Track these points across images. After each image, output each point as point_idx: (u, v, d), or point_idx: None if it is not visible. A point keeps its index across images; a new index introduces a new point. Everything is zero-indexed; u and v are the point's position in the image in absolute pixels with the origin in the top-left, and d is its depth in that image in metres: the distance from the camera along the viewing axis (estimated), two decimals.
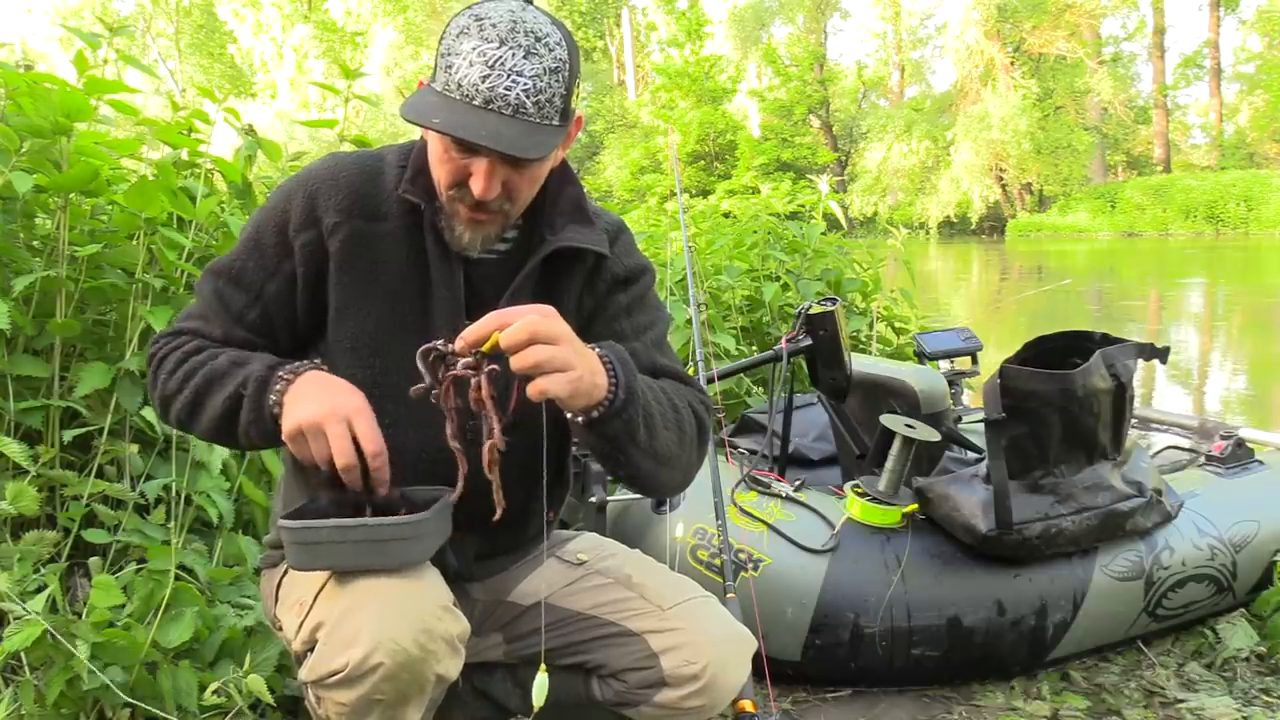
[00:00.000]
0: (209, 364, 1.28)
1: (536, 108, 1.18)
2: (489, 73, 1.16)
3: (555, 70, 1.19)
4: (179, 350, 1.32)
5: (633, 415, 1.16)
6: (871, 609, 2.12)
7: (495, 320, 1.09)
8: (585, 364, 1.11)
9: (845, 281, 4.12)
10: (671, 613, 1.34)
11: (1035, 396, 2.15)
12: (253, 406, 1.23)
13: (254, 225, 1.35)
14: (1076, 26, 33.28)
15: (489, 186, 1.21)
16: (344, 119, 2.68)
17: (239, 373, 1.25)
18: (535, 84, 1.17)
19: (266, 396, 1.22)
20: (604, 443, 1.18)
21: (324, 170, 1.34)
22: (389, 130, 20.12)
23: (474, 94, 1.16)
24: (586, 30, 43.90)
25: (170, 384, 1.30)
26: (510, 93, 1.16)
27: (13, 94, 2.04)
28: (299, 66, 34.63)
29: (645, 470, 1.24)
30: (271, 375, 1.23)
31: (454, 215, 1.28)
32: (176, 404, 1.29)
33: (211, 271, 1.37)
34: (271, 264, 1.32)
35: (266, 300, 1.33)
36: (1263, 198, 27.64)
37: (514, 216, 1.31)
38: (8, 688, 1.62)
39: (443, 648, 1.16)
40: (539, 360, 1.07)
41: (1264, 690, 2.22)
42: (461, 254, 1.32)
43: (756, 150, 33.14)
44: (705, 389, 1.41)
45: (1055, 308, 11.03)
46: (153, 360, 1.34)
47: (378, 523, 1.19)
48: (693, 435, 1.31)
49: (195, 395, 1.27)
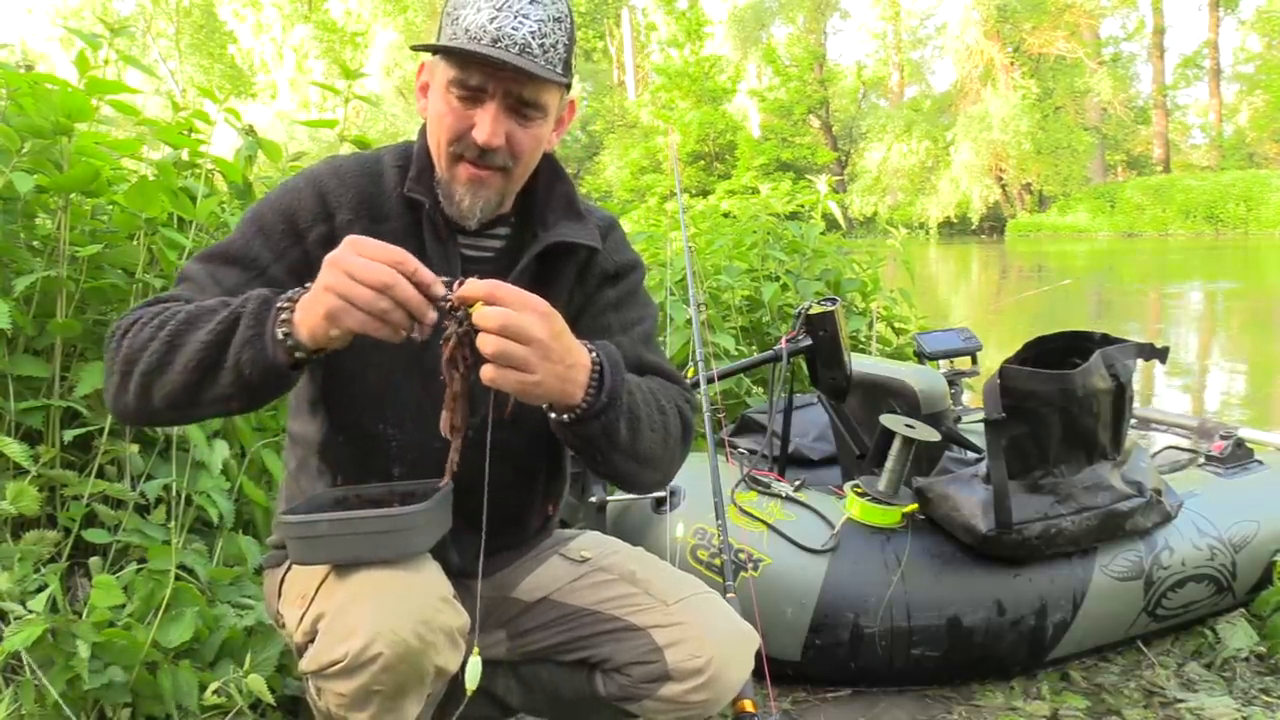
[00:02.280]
0: (191, 306, 1.16)
1: (542, 50, 1.21)
2: (496, 14, 1.20)
3: (559, 19, 1.23)
4: (151, 311, 1.18)
5: (612, 420, 1.16)
6: (871, 609, 2.13)
7: (487, 290, 1.08)
8: (551, 371, 1.09)
9: (845, 281, 4.12)
10: (676, 608, 1.35)
11: (1035, 396, 2.15)
12: (252, 323, 1.09)
13: (255, 215, 1.32)
14: (1076, 27, 33.27)
15: (494, 130, 1.23)
16: (344, 119, 2.68)
17: (230, 305, 1.13)
18: (541, 27, 1.21)
19: (269, 315, 1.10)
20: (581, 442, 1.19)
21: (329, 169, 1.34)
22: (389, 130, 20.13)
23: (482, 34, 1.20)
24: (586, 30, 43.90)
25: (139, 337, 1.14)
26: (517, 32, 1.20)
27: (13, 94, 2.05)
28: (299, 67, 34.62)
29: (624, 470, 1.25)
30: (274, 297, 1.13)
31: (454, 180, 1.28)
32: (145, 356, 1.13)
33: (201, 256, 1.30)
34: (279, 247, 1.29)
35: (269, 280, 1.27)
36: (1262, 198, 27.63)
37: (514, 182, 1.31)
38: (8, 688, 1.62)
39: (442, 639, 1.17)
40: (496, 351, 1.06)
41: (1264, 690, 2.22)
42: (457, 242, 1.32)
43: (756, 150, 33.13)
44: (690, 388, 1.42)
45: (1055, 308, 11.03)
46: (115, 332, 1.18)
47: (376, 514, 1.20)
48: (677, 436, 1.31)
49: (173, 335, 1.12)
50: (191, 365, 1.11)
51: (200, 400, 1.14)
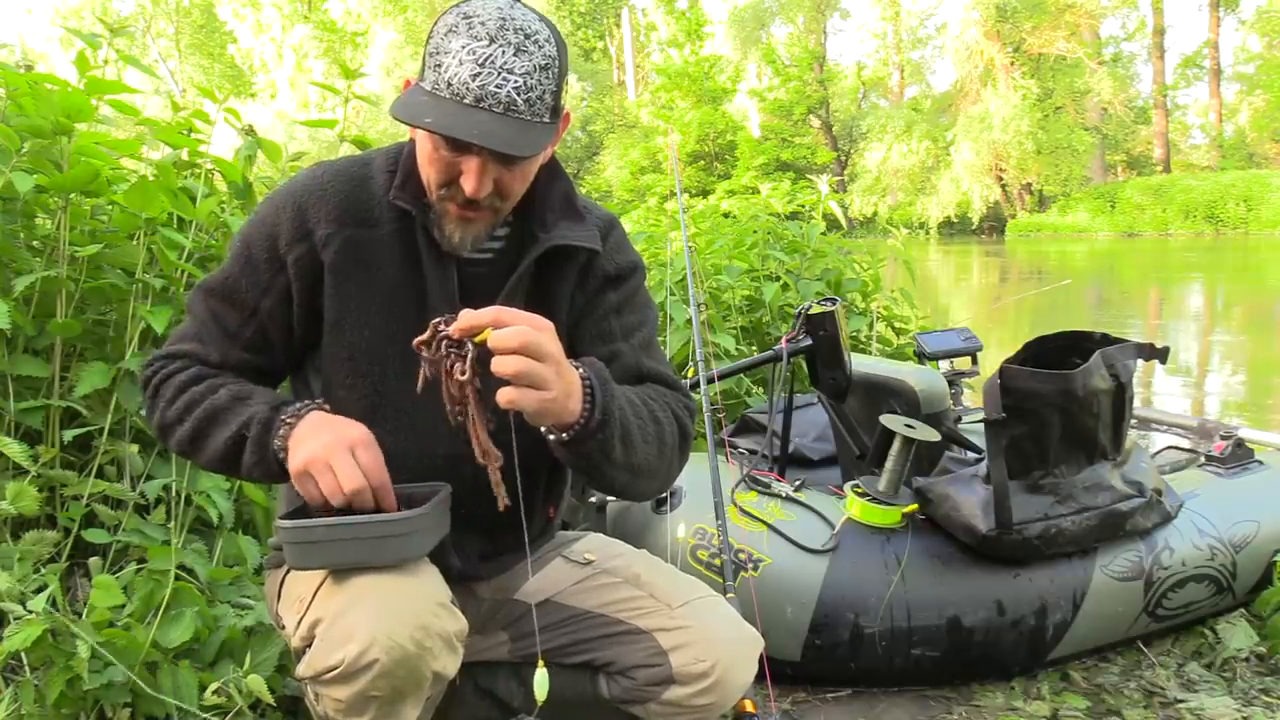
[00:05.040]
0: (209, 398, 1.28)
1: (528, 105, 1.17)
2: (479, 71, 1.15)
3: (545, 68, 1.18)
4: (176, 378, 1.31)
5: (607, 437, 1.16)
6: (871, 609, 2.13)
7: (493, 315, 1.08)
8: (562, 386, 1.10)
9: (845, 281, 4.12)
10: (680, 611, 1.34)
11: (1035, 396, 2.15)
12: (256, 449, 1.23)
13: (243, 240, 1.34)
14: (1076, 27, 33.26)
15: (480, 185, 1.20)
16: (344, 119, 2.68)
17: (242, 411, 1.25)
18: (526, 81, 1.16)
19: (271, 439, 1.22)
20: (577, 459, 1.19)
21: (311, 181, 1.32)
22: (389, 130, 20.10)
23: (465, 92, 1.15)
24: (586, 30, 43.87)
25: (169, 414, 1.30)
26: (501, 90, 1.15)
27: (13, 94, 2.05)
28: (299, 66, 34.61)
29: (621, 482, 1.25)
30: (275, 418, 1.24)
31: (444, 215, 1.27)
32: (177, 434, 1.29)
33: (203, 289, 1.35)
34: (265, 280, 1.31)
35: (262, 317, 1.32)
36: (1262, 198, 27.65)
37: (505, 214, 1.30)
38: (8, 688, 1.62)
39: (439, 645, 1.17)
40: (518, 371, 1.06)
41: (1264, 690, 2.22)
42: (454, 254, 1.31)
43: (756, 150, 33.15)
44: (689, 392, 1.41)
45: (1055, 308, 11.03)
46: (148, 385, 1.33)
47: (373, 519, 1.19)
48: (674, 445, 1.31)
49: (196, 430, 1.27)
50: (214, 462, 1.29)
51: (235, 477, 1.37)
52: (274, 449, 1.22)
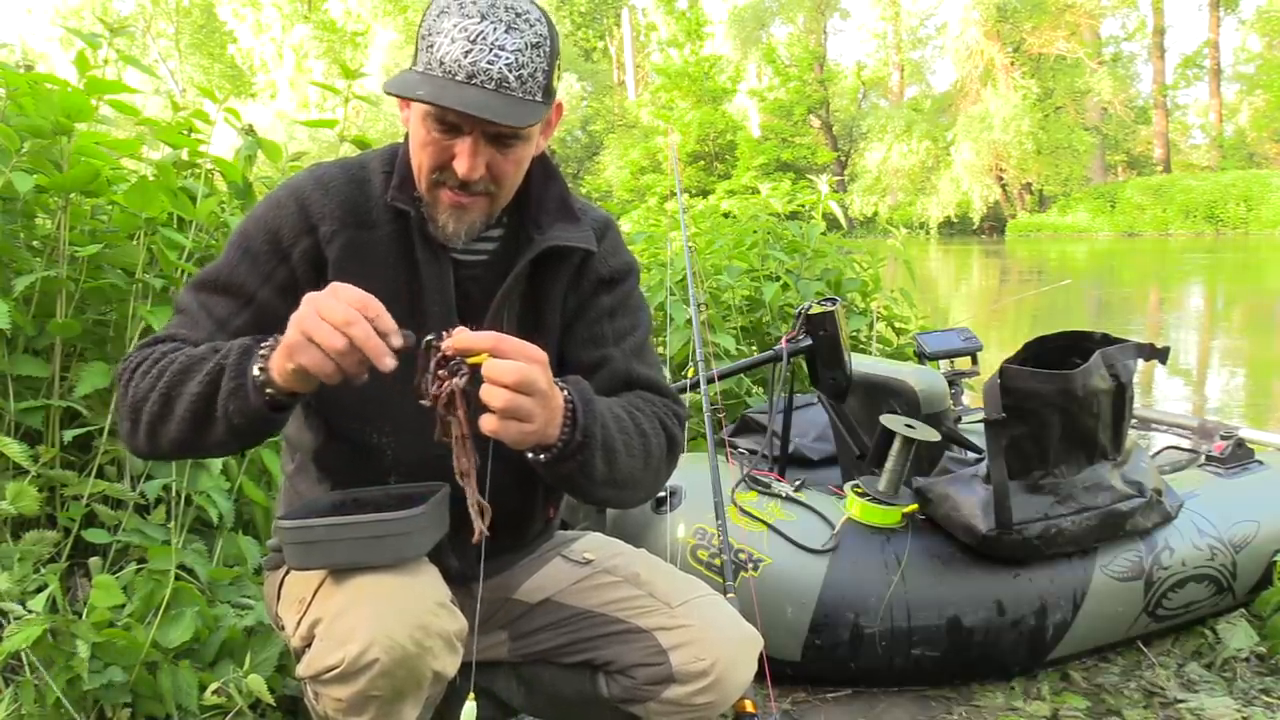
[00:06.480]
0: (183, 355, 1.20)
1: (519, 82, 1.17)
2: (471, 47, 1.15)
3: (537, 45, 1.19)
4: (151, 356, 1.22)
5: (587, 458, 1.16)
6: (871, 609, 2.13)
7: (492, 342, 1.08)
8: (545, 416, 1.10)
9: (845, 281, 4.12)
10: (680, 610, 1.35)
11: (1035, 396, 2.15)
12: (234, 374, 1.13)
13: (240, 235, 1.32)
14: (1076, 26, 33.27)
15: (473, 165, 1.20)
16: (344, 119, 2.68)
17: (217, 354, 1.17)
18: (518, 58, 1.17)
19: (250, 363, 1.13)
20: (557, 478, 1.19)
21: (311, 179, 1.32)
22: (389, 130, 20.10)
23: (456, 69, 1.15)
24: (586, 30, 43.87)
25: (141, 386, 1.19)
26: (493, 66, 1.15)
27: (13, 94, 2.05)
28: (299, 66, 34.62)
29: (604, 496, 1.26)
30: (255, 345, 1.16)
31: (436, 204, 1.26)
32: (147, 406, 1.18)
33: (194, 285, 1.32)
34: (264, 270, 1.29)
35: (258, 306, 1.28)
36: (1262, 198, 27.65)
37: (498, 203, 1.30)
38: (8, 688, 1.62)
39: (439, 644, 1.17)
40: (507, 406, 1.06)
41: (1264, 690, 2.22)
42: (448, 248, 1.30)
43: (756, 150, 33.13)
44: (679, 397, 1.41)
45: (1055, 308, 11.03)
46: (123, 374, 1.23)
47: (371, 519, 1.19)
48: (660, 456, 1.31)
49: (169, 387, 1.17)
50: (187, 418, 1.16)
51: (202, 445, 1.20)
52: (253, 372, 1.12)
